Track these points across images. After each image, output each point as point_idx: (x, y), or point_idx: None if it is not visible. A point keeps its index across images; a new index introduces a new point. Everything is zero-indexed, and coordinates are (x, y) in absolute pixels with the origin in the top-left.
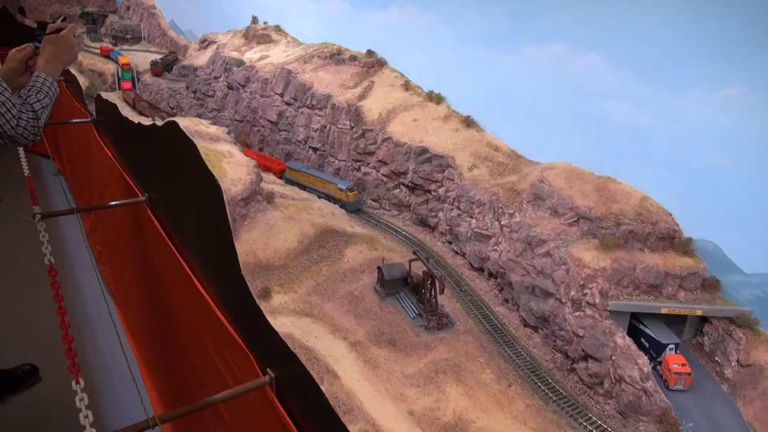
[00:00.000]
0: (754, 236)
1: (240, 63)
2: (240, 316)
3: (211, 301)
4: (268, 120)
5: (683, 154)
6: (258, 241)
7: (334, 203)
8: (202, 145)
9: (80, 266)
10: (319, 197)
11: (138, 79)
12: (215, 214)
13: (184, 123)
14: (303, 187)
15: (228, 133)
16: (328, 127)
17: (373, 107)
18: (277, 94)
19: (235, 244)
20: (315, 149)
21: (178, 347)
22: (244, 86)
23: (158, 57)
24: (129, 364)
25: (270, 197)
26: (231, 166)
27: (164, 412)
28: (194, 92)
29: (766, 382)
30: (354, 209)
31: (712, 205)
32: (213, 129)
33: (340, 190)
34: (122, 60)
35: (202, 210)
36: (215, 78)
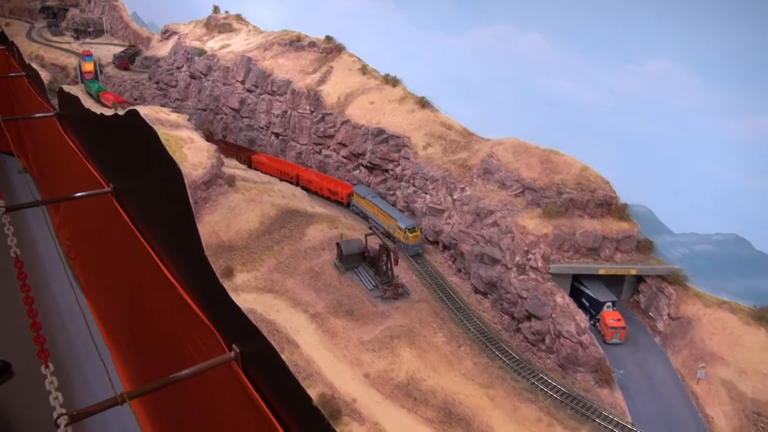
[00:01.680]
0: (681, 199)
1: (201, 52)
2: (204, 295)
3: (177, 283)
4: (230, 107)
5: (618, 125)
6: (220, 222)
7: (393, 242)
8: (162, 132)
9: (49, 260)
10: (382, 232)
11: (101, 72)
12: (177, 199)
13: (145, 111)
14: (366, 218)
15: (189, 119)
16: (288, 113)
17: (331, 92)
18: (238, 81)
19: (198, 227)
20: (277, 135)
21: (147, 330)
22: (206, 75)
23: (120, 50)
24: (99, 350)
25: (231, 180)
26: (192, 152)
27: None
28: (157, 83)
29: (693, 332)
30: (413, 253)
31: (645, 172)
32: (174, 116)
33: (399, 228)
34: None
35: (164, 195)
36: (177, 68)
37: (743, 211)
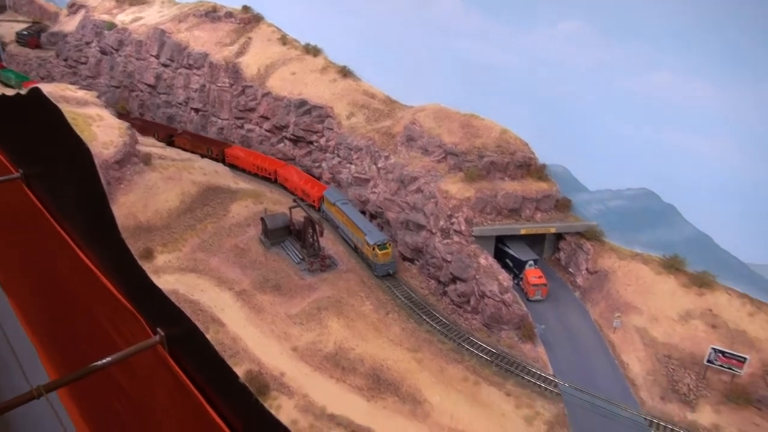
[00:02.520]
0: (595, 157)
1: (111, 26)
2: (124, 279)
3: (96, 270)
4: (145, 84)
5: (534, 87)
6: (137, 203)
7: (363, 259)
8: (68, 110)
9: None
10: (353, 247)
11: (3, 50)
12: (88, 180)
13: (49, 89)
14: (337, 228)
15: (98, 97)
16: (207, 87)
17: (251, 63)
18: (152, 56)
19: (113, 208)
20: (197, 110)
21: (70, 321)
22: (117, 50)
23: (24, 27)
24: (22, 346)
25: (147, 159)
26: (101, 129)
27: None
28: (65, 60)
29: (609, 284)
30: (382, 273)
31: (561, 132)
32: (81, 93)
33: (368, 244)
34: None
35: (75, 177)
36: (86, 44)
37: (652, 166)
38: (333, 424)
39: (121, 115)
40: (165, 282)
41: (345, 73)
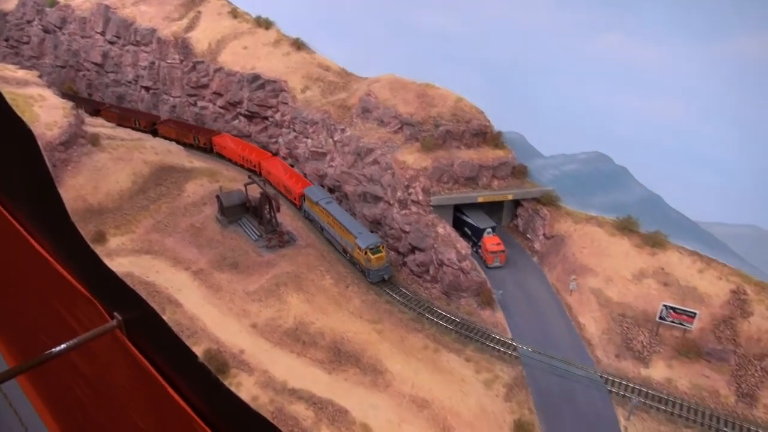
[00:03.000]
0: (549, 123)
1: (53, 3)
2: (77, 265)
3: (48, 255)
4: (92, 62)
5: (486, 53)
6: (86, 185)
7: (352, 264)
8: (7, 91)
9: None
10: (341, 250)
11: None
12: (32, 163)
13: None
14: (322, 229)
15: (40, 76)
16: (157, 64)
17: (201, 38)
18: (98, 33)
19: (60, 191)
20: (147, 88)
21: (26, 310)
22: (60, 28)
23: None
24: None
25: (95, 139)
26: (44, 110)
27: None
28: (6, 40)
29: (566, 248)
30: (377, 279)
31: (515, 98)
32: (21, 73)
33: (359, 248)
34: None
35: (18, 161)
36: (28, 22)
37: (604, 129)
38: (294, 399)
39: (99, 104)
40: (119, 265)
41: (298, 45)
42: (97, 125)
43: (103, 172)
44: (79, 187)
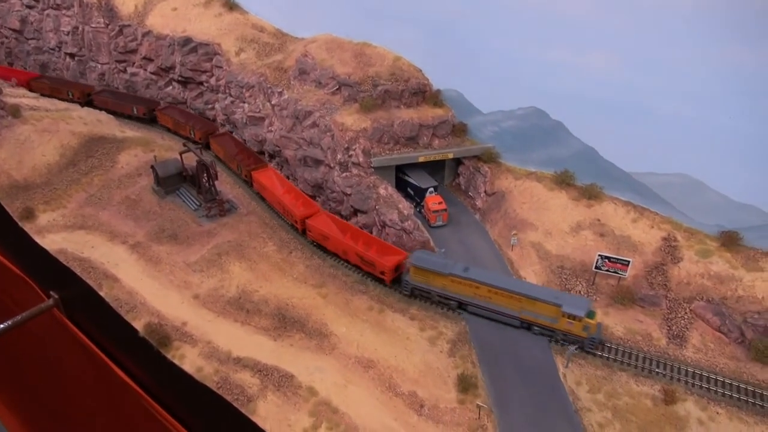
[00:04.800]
0: (486, 79)
1: None
2: (6, 243)
3: None
4: (10, 29)
5: (424, 10)
6: (9, 160)
7: (539, 334)
8: None
9: None
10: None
11: None
12: None
13: None
14: (461, 306)
15: None
16: (80, 28)
17: (126, 0)
18: None
19: None
20: (72, 55)
21: None
22: None
23: None
24: None
25: (16, 111)
26: None
27: None
28: None
29: (506, 203)
30: (590, 347)
31: (452, 55)
32: None
33: (570, 318)
34: None
35: None
36: None
37: (540, 84)
38: (239, 367)
39: (97, 89)
40: (51, 242)
41: (231, 6)
42: (18, 95)
43: (27, 146)
44: (2, 162)
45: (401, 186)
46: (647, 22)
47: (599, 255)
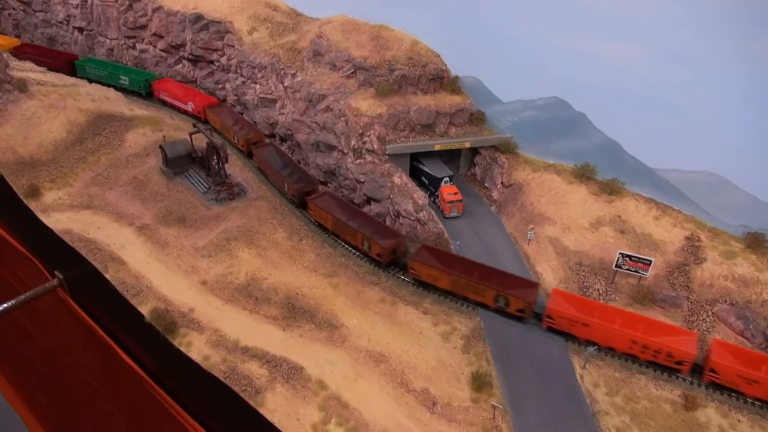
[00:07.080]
0: (507, 67)
1: None
2: (12, 221)
3: None
4: (18, 0)
5: None
6: (15, 135)
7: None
8: None
9: None
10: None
11: None
12: None
13: None
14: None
15: None
16: (89, 2)
17: None
18: None
19: None
20: (80, 29)
21: None
22: None
23: None
24: None
25: (23, 85)
26: None
27: None
28: None
29: (523, 196)
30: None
31: (472, 41)
32: None
33: None
34: None
35: None
36: None
37: (563, 74)
38: (247, 357)
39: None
40: (56, 221)
41: None
42: (25, 69)
43: (33, 121)
44: (8, 138)
45: (415, 174)
46: (679, 12)
47: (620, 253)
